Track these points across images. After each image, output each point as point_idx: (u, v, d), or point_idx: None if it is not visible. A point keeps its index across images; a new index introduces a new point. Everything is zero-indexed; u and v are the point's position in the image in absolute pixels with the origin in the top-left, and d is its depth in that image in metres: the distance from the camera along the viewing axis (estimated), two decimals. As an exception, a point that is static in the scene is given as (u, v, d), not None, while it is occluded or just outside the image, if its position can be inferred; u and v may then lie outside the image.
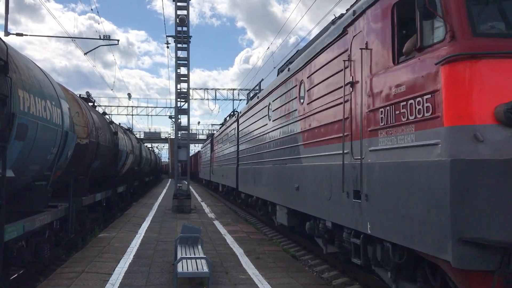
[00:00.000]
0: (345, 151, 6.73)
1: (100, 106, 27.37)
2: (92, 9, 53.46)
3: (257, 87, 18.58)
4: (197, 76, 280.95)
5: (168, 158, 76.69)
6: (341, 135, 6.87)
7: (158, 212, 18.17)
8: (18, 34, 20.78)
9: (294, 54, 11.64)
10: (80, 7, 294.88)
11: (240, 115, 18.72)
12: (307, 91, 8.91)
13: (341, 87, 6.97)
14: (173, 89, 19.82)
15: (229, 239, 11.54)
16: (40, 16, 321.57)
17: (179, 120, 20.27)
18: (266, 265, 8.53)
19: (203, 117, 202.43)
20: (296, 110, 9.68)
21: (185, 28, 19.05)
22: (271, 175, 12.14)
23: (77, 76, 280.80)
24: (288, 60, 11.90)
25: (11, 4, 16.72)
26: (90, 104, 15.40)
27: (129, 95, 53.65)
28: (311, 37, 10.21)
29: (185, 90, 19.74)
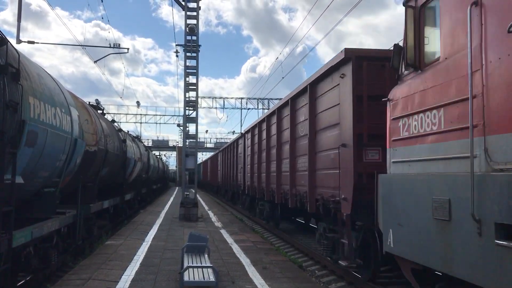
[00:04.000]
0: None
1: (109, 113, 27.62)
2: (102, 17, 54.10)
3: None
4: (203, 84, 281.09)
5: (176, 166, 76.86)
6: None
7: (165, 220, 18.18)
8: (29, 42, 21.08)
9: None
10: (86, 14, 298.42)
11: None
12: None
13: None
14: (180, 97, 20.18)
15: (236, 248, 11.51)
16: (46, 23, 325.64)
17: (187, 128, 20.33)
18: (272, 275, 8.48)
19: (210, 126, 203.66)
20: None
21: (194, 37, 19.19)
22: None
23: (85, 83, 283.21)
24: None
25: (16, 11, 16.93)
26: (99, 111, 15.52)
27: (138, 103, 54.00)
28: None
29: (194, 99, 19.83)
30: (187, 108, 19.70)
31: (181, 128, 47.02)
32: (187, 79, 19.63)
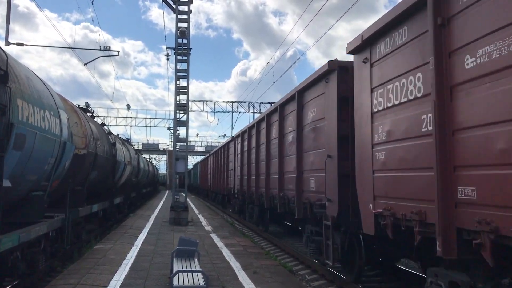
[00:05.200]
0: None
1: (98, 116, 27.48)
2: (93, 19, 53.97)
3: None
4: (193, 87, 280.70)
5: (166, 170, 76.61)
6: None
7: (155, 224, 18.06)
8: (19, 44, 20.91)
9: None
10: (75, 16, 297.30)
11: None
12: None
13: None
14: (171, 100, 20.09)
15: (226, 252, 11.46)
16: (34, 25, 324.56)
17: (177, 132, 20.26)
18: (263, 279, 8.45)
19: (200, 129, 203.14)
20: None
21: (185, 40, 19.16)
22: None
23: (74, 85, 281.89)
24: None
25: (3, 12, 16.88)
26: (89, 114, 15.41)
27: (128, 106, 53.85)
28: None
29: (184, 102, 19.79)
30: (177, 111, 19.64)
31: (172, 131, 46.85)
32: (178, 82, 19.58)
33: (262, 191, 14.70)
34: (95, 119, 16.73)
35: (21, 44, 21.21)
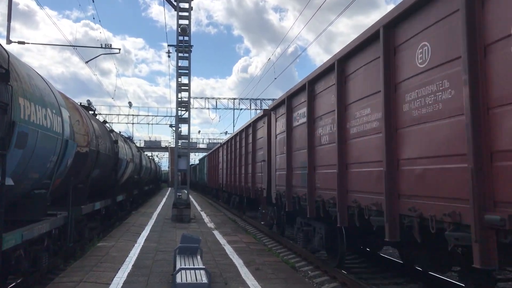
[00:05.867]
0: None
1: (100, 114, 27.44)
2: (94, 17, 53.90)
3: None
4: (194, 84, 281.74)
5: (168, 167, 76.73)
6: None
7: (157, 221, 18.10)
8: (20, 42, 20.93)
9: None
10: (75, 14, 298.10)
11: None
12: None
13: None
14: (172, 98, 20.00)
15: (229, 249, 11.48)
16: (35, 22, 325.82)
17: (179, 129, 20.26)
18: (265, 276, 8.47)
19: (202, 126, 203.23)
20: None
21: (186, 38, 19.13)
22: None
23: (75, 83, 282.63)
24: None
25: (4, 11, 16.94)
26: (91, 112, 15.42)
27: (130, 104, 53.93)
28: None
29: (186, 99, 19.78)
30: (179, 108, 19.64)
31: (174, 128, 46.89)
32: (179, 79, 19.57)
33: (356, 199, 7.35)
34: (97, 117, 16.73)
35: (23, 43, 21.24)
